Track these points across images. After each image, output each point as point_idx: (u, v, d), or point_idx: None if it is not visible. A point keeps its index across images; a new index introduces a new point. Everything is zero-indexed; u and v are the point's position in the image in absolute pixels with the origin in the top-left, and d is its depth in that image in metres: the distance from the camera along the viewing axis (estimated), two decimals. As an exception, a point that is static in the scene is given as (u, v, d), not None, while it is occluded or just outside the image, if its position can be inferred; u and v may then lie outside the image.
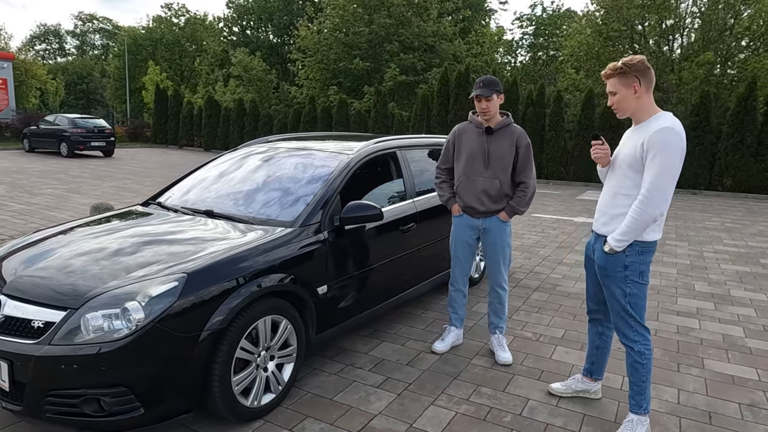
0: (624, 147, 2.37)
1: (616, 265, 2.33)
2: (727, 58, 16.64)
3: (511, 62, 36.66)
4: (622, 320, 2.39)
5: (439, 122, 15.89)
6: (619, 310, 2.39)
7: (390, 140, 3.82)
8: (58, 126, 17.80)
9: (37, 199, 8.90)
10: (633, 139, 2.30)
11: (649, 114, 2.28)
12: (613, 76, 2.29)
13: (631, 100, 2.27)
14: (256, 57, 26.26)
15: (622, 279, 2.33)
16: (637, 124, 2.34)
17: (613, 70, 2.28)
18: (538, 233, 7.31)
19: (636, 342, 2.38)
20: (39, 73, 31.37)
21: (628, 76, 2.24)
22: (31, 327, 2.15)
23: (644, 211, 2.18)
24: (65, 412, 2.07)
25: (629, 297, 2.34)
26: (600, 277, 2.44)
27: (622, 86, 2.27)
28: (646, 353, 2.38)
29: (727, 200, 11.42)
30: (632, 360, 2.40)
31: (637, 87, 2.24)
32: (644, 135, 2.21)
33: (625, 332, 2.40)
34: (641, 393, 2.41)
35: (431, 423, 2.54)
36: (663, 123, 2.19)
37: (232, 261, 2.42)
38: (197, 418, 2.42)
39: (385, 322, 3.79)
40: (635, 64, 2.24)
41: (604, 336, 2.70)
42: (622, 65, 2.25)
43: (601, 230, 2.42)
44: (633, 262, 2.31)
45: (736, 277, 5.23)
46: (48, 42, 54.34)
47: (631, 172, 2.28)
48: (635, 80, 2.24)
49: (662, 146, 2.15)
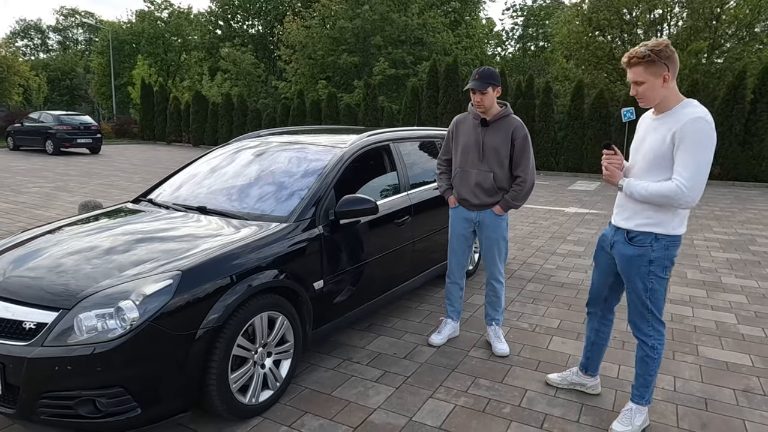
0: (648, 137, 2.21)
1: (641, 259, 2.24)
2: (714, 47, 16.75)
3: (501, 54, 36.67)
4: (639, 314, 2.32)
5: (429, 115, 15.86)
6: (638, 305, 2.31)
7: (383, 133, 3.79)
8: (43, 123, 17.50)
9: (23, 197, 8.76)
10: (659, 129, 2.15)
11: (676, 101, 2.13)
12: (638, 65, 2.09)
13: (659, 89, 2.10)
14: (245, 50, 25.94)
15: (645, 273, 2.24)
16: (660, 112, 2.18)
17: (639, 58, 2.08)
18: (530, 224, 7.33)
19: (650, 336, 2.33)
20: (22, 69, 30.79)
21: (657, 64, 2.06)
22: (23, 328, 2.11)
23: (680, 198, 2.07)
24: (60, 414, 2.04)
25: (650, 292, 2.26)
26: (622, 270, 2.34)
27: (651, 75, 2.08)
28: (658, 348, 2.33)
29: (715, 188, 11.54)
30: (643, 354, 2.35)
31: (667, 76, 2.08)
32: (674, 125, 2.07)
33: (639, 326, 2.34)
34: (646, 386, 2.38)
35: (431, 416, 2.53)
36: (695, 112, 2.06)
37: (226, 258, 2.39)
38: (195, 417, 2.39)
39: (381, 316, 3.77)
40: (663, 50, 2.05)
41: (601, 333, 2.65)
42: (649, 52, 2.05)
43: (623, 225, 2.30)
44: (659, 257, 2.21)
45: (726, 265, 5.29)
46: (29, 37, 53.32)
47: (657, 163, 2.15)
48: (665, 68, 2.07)
49: (699, 138, 2.02)
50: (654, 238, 2.22)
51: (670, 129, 2.09)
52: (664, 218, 2.20)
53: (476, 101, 3.05)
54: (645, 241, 2.24)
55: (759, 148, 11.99)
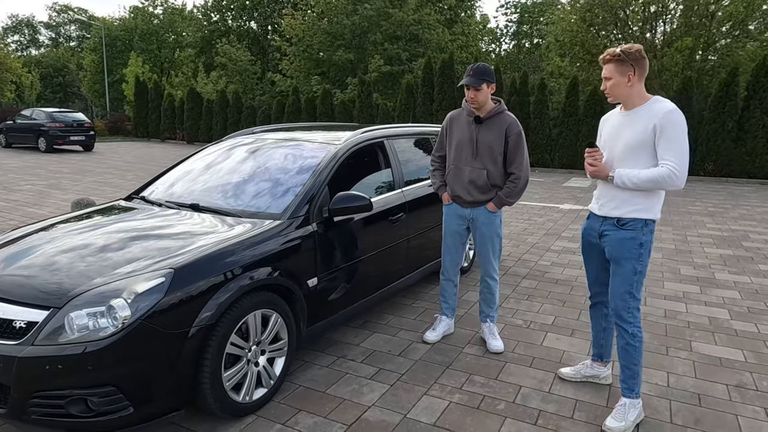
0: (624, 131, 2.37)
1: (633, 242, 2.37)
2: (708, 44, 16.80)
3: (495, 50, 36.66)
4: (622, 301, 2.43)
5: (424, 111, 15.84)
6: (623, 291, 2.42)
7: (377, 130, 3.78)
8: (35, 120, 17.36)
9: (15, 195, 8.69)
10: (635, 122, 2.33)
11: (642, 100, 2.34)
12: (610, 62, 2.33)
13: (623, 87, 2.33)
14: (241, 47, 25.77)
15: (636, 256, 2.37)
16: (628, 109, 2.39)
17: (611, 56, 2.32)
18: (525, 220, 7.34)
19: (630, 323, 2.42)
20: (14, 66, 30.51)
21: (625, 63, 2.29)
22: (13, 327, 2.09)
23: (673, 180, 2.24)
24: (51, 413, 2.02)
25: (638, 275, 2.39)
26: (612, 255, 2.44)
27: (618, 73, 2.32)
28: (638, 335, 2.42)
29: (708, 185, 11.59)
30: (624, 342, 2.43)
31: (631, 76, 2.30)
32: (652, 118, 2.26)
33: (620, 313, 2.44)
34: (633, 377, 2.43)
35: (425, 413, 2.53)
36: (668, 106, 2.26)
37: (219, 255, 2.37)
38: (188, 416, 2.38)
39: (375, 313, 3.77)
40: (632, 53, 2.29)
41: (610, 317, 2.71)
42: (620, 53, 2.29)
43: (612, 214, 2.42)
44: (647, 240, 2.37)
45: (720, 261, 5.31)
46: (21, 34, 52.85)
47: (638, 153, 2.31)
48: (630, 69, 2.30)
49: (676, 126, 2.23)
50: (644, 223, 2.37)
51: (650, 121, 2.27)
52: (650, 204, 2.37)
53: (470, 97, 3.05)
54: (636, 225, 2.38)
55: (752, 144, 12.05)
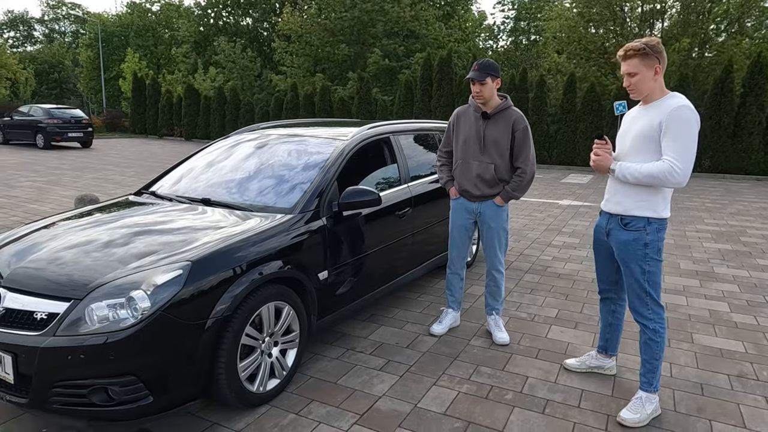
0: (633, 126, 2.39)
1: (637, 243, 2.37)
2: (705, 42, 16.89)
3: (493, 47, 36.66)
4: (639, 299, 2.43)
5: (422, 108, 15.87)
6: (636, 289, 2.42)
7: (383, 125, 3.82)
8: (33, 117, 17.30)
9: (16, 191, 8.69)
10: (645, 117, 2.33)
11: (662, 93, 2.33)
12: (634, 57, 2.29)
13: (650, 81, 2.30)
14: (239, 45, 25.65)
15: (642, 257, 2.37)
16: (647, 103, 2.37)
17: (635, 51, 2.28)
18: (526, 216, 7.40)
19: (651, 320, 2.42)
20: (9, 62, 30.34)
21: (650, 57, 2.26)
22: (34, 319, 2.12)
23: (672, 175, 2.20)
24: (73, 402, 2.06)
25: (648, 275, 2.38)
26: (619, 256, 2.46)
27: (644, 67, 2.28)
28: (660, 331, 2.42)
29: (705, 181, 11.69)
30: (646, 338, 2.44)
31: (658, 68, 2.28)
32: (660, 114, 2.25)
33: (640, 311, 2.44)
34: (653, 371, 2.45)
35: (435, 402, 2.59)
36: (679, 101, 2.25)
37: (234, 248, 2.42)
38: (202, 405, 2.43)
39: (382, 307, 3.82)
40: (656, 46, 2.27)
41: (617, 313, 2.77)
42: (644, 46, 2.26)
43: (616, 210, 2.44)
44: (653, 240, 2.35)
45: (718, 255, 5.39)
46: (16, 30, 52.44)
47: (645, 147, 2.31)
48: (656, 62, 2.27)
49: (682, 123, 2.20)
50: (647, 222, 2.36)
51: (657, 117, 2.26)
52: (653, 202, 2.35)
53: (475, 92, 3.10)
54: (639, 225, 2.37)
55: (748, 141, 12.14)
